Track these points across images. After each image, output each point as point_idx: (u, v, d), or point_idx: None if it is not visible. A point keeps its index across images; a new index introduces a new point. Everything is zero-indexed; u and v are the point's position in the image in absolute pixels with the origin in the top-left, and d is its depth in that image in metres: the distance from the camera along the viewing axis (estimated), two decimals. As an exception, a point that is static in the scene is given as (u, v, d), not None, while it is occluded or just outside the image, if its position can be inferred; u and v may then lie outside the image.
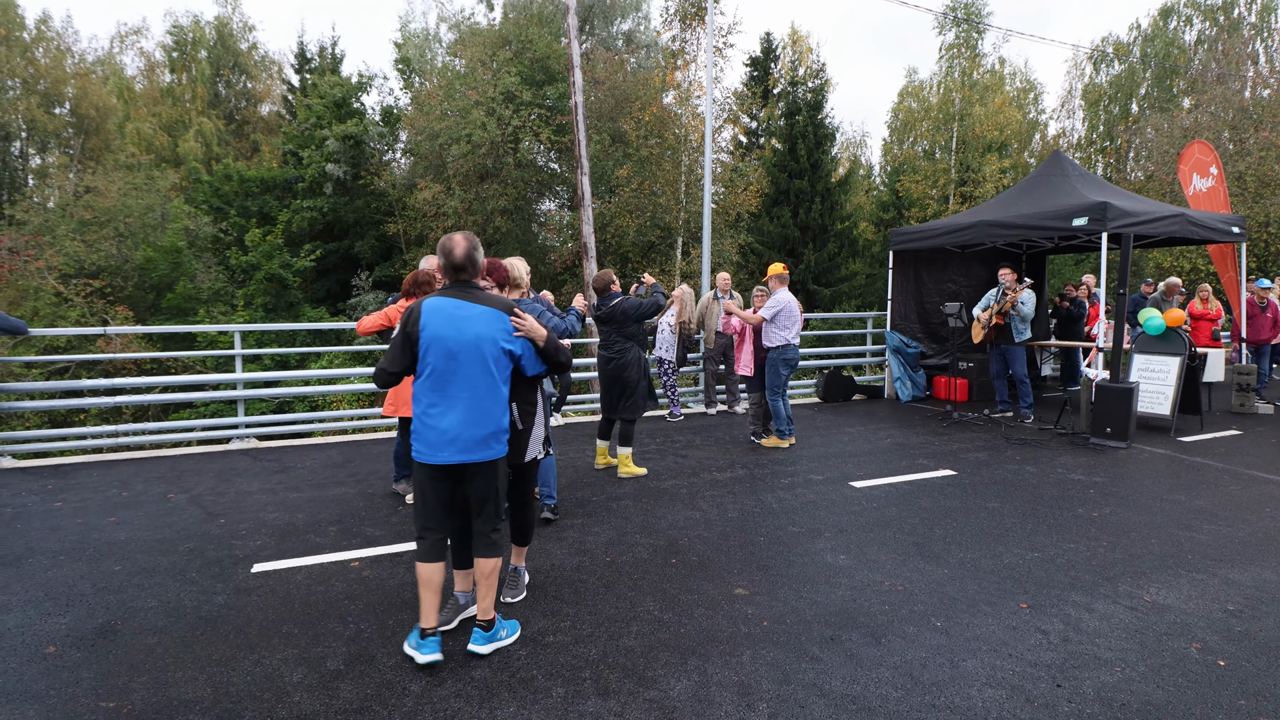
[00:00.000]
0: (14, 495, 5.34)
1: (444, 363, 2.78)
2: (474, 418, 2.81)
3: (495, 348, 2.82)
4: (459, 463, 2.81)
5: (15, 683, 2.76)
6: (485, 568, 2.96)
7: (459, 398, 2.79)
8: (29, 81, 27.28)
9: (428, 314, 2.78)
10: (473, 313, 2.81)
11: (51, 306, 15.13)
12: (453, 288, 2.87)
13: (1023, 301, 7.82)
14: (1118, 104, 27.61)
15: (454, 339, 2.77)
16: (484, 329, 2.81)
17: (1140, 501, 5.07)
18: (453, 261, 2.84)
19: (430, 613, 2.88)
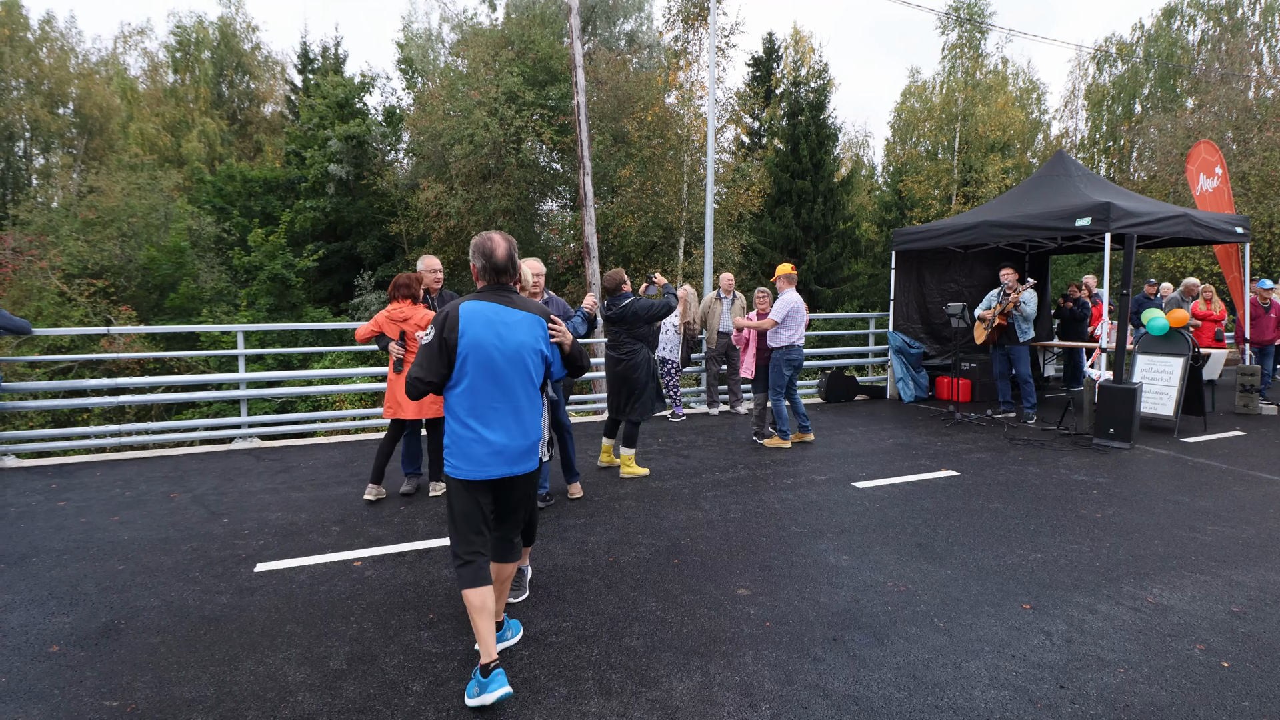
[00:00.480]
0: (18, 495, 5.36)
1: (486, 371, 2.62)
2: (520, 429, 2.69)
3: (536, 356, 2.71)
4: (504, 476, 2.69)
5: (19, 682, 2.76)
6: (504, 572, 2.91)
7: (503, 409, 2.65)
8: (33, 82, 27.36)
9: (466, 319, 2.60)
10: (514, 319, 2.66)
11: (55, 306, 15.16)
12: (491, 291, 2.70)
13: (1025, 301, 7.80)
14: (1121, 104, 27.54)
15: (497, 347, 2.61)
16: (526, 336, 2.67)
17: (1144, 502, 5.06)
18: (495, 263, 2.68)
19: (490, 642, 2.60)
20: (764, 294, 7.07)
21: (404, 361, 5.02)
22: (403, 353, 5.00)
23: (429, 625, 3.21)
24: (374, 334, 5.09)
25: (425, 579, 3.72)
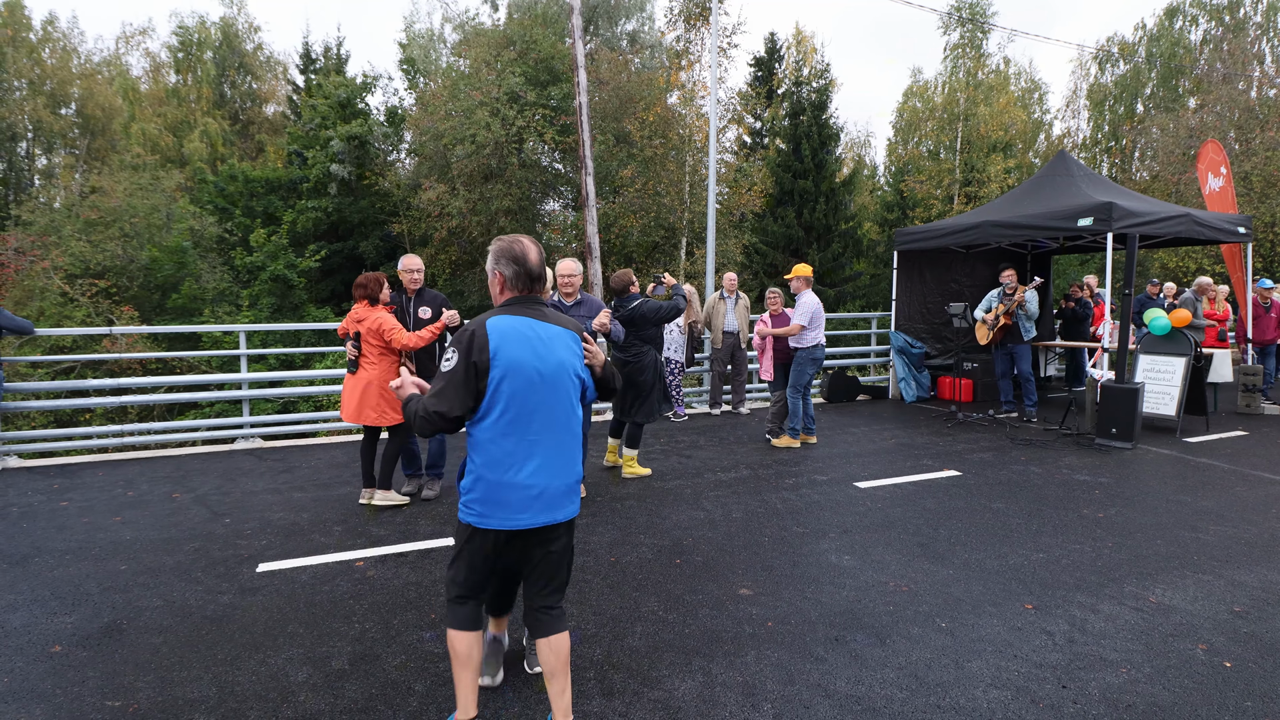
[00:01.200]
0: (20, 495, 5.37)
1: (524, 399, 2.20)
2: (560, 464, 2.27)
3: (575, 378, 2.31)
4: (542, 525, 2.24)
5: (21, 682, 2.77)
6: (563, 645, 2.31)
7: (541, 441, 2.23)
8: (35, 82, 27.42)
9: (498, 337, 2.18)
10: (551, 334, 2.26)
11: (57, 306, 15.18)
12: (522, 303, 2.29)
13: (1028, 300, 7.81)
14: (1123, 104, 27.50)
15: (537, 368, 2.20)
16: (566, 354, 2.27)
17: (1146, 502, 5.05)
18: (530, 270, 2.29)
19: (470, 699, 2.31)
20: (775, 294, 7.03)
21: (357, 363, 4.86)
22: (356, 354, 4.87)
23: (431, 625, 3.21)
24: (345, 333, 5.02)
25: (427, 579, 3.72)
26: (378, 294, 4.88)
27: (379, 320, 4.79)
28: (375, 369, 4.82)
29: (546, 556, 2.32)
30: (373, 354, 4.83)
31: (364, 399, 4.82)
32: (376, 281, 4.92)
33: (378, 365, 4.84)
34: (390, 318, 4.82)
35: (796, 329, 6.58)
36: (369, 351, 4.84)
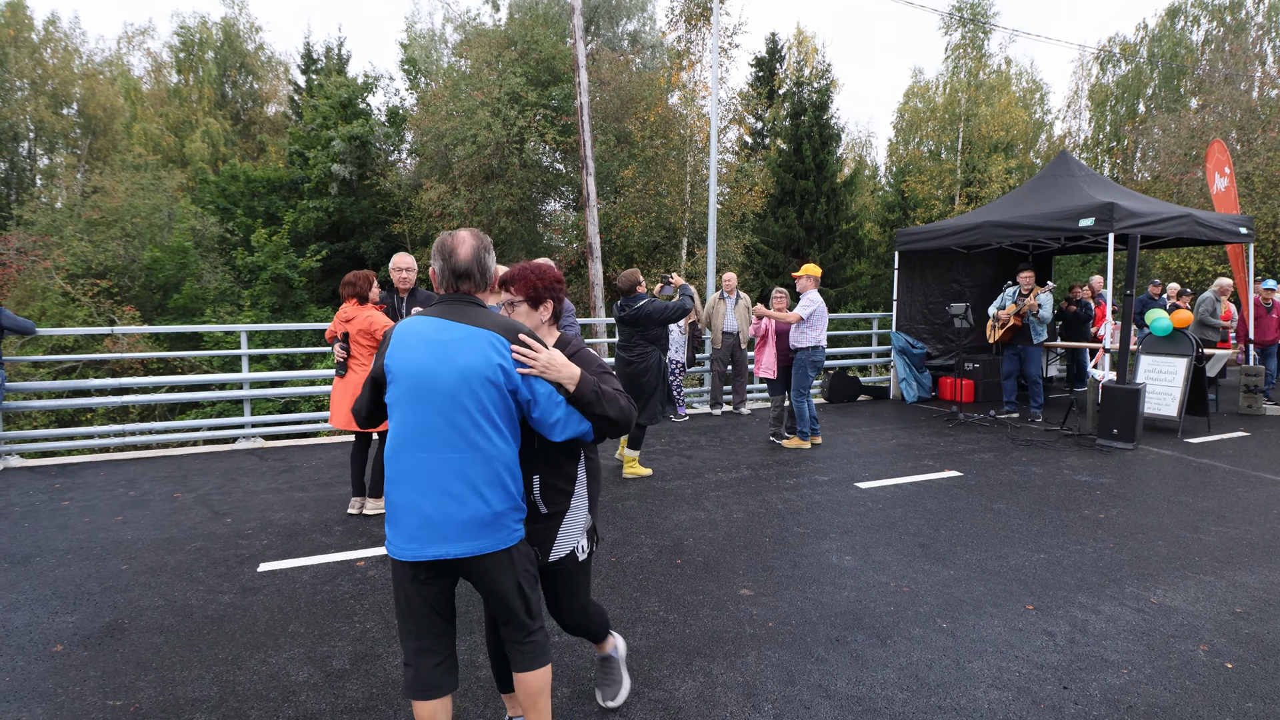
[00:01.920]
0: (22, 494, 5.37)
1: (415, 408, 1.93)
2: (458, 489, 1.91)
3: (489, 387, 1.92)
4: (443, 558, 1.93)
5: (23, 681, 2.77)
6: (529, 684, 2.09)
7: (436, 460, 1.92)
8: (37, 82, 27.46)
9: (399, 336, 1.99)
10: (458, 335, 1.94)
11: (59, 306, 15.21)
12: (443, 302, 2.05)
13: (1042, 304, 7.82)
14: (1124, 104, 27.48)
15: (430, 372, 1.92)
16: (474, 358, 1.91)
17: (1147, 503, 5.05)
18: (453, 266, 2.03)
19: None
20: (782, 294, 6.99)
21: (346, 365, 4.70)
22: (345, 356, 4.69)
23: (431, 625, 3.21)
24: (334, 335, 4.82)
25: (428, 579, 3.72)
26: (367, 292, 4.71)
27: (370, 319, 4.61)
28: (366, 370, 4.57)
29: (485, 593, 2.04)
30: (363, 355, 4.65)
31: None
32: (366, 279, 4.74)
33: (369, 366, 4.51)
34: (382, 316, 4.66)
35: (795, 318, 6.58)
36: (359, 353, 4.66)
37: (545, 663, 2.10)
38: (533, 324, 2.22)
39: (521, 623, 2.06)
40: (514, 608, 2.04)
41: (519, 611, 2.05)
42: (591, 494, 2.27)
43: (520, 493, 2.03)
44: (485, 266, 2.07)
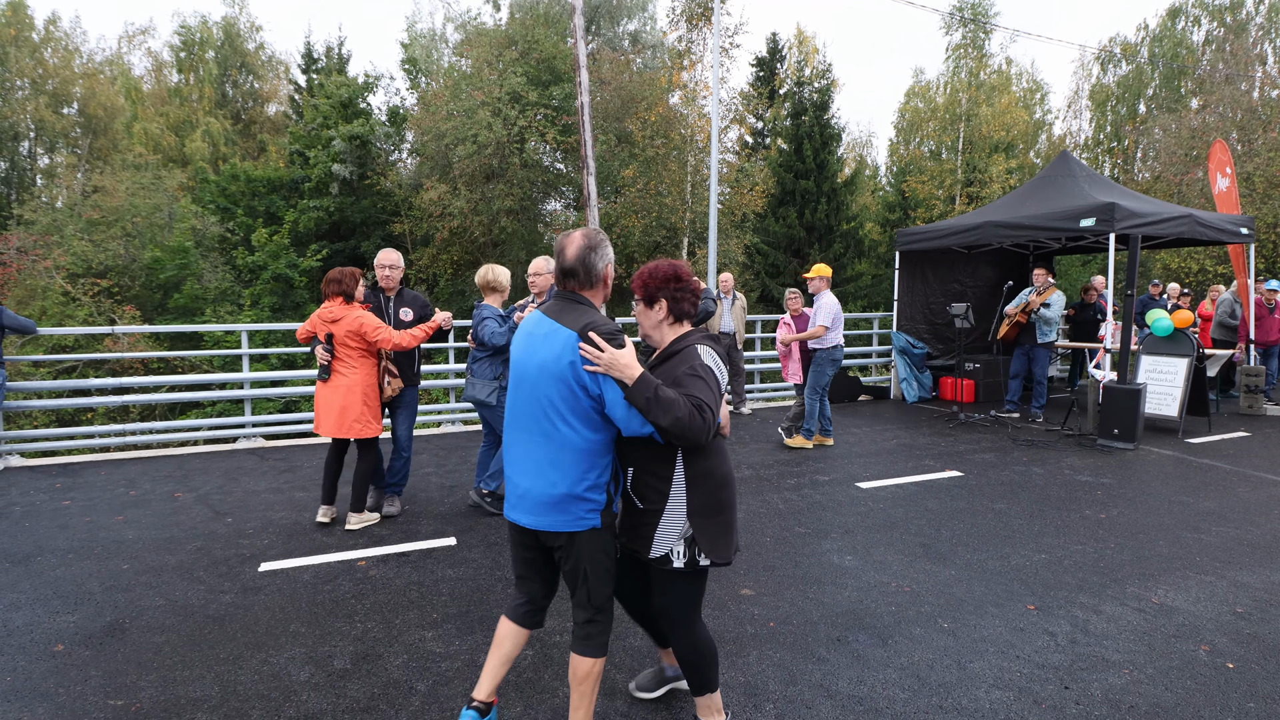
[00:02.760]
0: (23, 494, 5.37)
1: (513, 392, 2.22)
2: (536, 470, 2.14)
3: (561, 384, 2.08)
4: (530, 528, 2.19)
5: (25, 680, 2.77)
6: (577, 667, 2.21)
7: (523, 442, 2.18)
8: (38, 82, 27.47)
9: (520, 325, 2.28)
10: (546, 330, 2.13)
11: (59, 306, 15.21)
12: (555, 298, 2.23)
13: (1048, 305, 7.82)
14: (1125, 104, 27.46)
15: (520, 363, 2.19)
16: (548, 354, 2.10)
17: (1148, 503, 5.05)
18: (560, 264, 2.20)
19: (483, 679, 2.35)
20: (795, 294, 6.96)
21: (330, 369, 4.35)
22: (329, 359, 4.33)
23: (433, 625, 3.21)
24: (309, 336, 4.51)
25: (429, 579, 3.73)
26: (354, 290, 4.40)
27: (360, 319, 4.29)
28: (356, 374, 4.34)
29: (561, 564, 2.24)
30: (352, 357, 4.34)
31: (346, 408, 4.31)
32: (352, 277, 4.42)
33: (359, 369, 4.36)
34: (373, 316, 4.37)
35: (821, 331, 6.52)
36: (346, 355, 4.33)
37: (597, 654, 2.22)
38: (649, 322, 2.26)
39: (582, 605, 2.22)
40: (577, 589, 2.21)
41: (581, 594, 2.21)
42: (697, 501, 2.17)
43: (591, 484, 2.14)
44: (590, 265, 2.18)
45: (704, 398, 2.02)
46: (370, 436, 4.42)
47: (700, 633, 2.29)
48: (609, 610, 2.25)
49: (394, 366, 4.61)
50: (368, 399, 4.38)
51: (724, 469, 2.23)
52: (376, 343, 4.32)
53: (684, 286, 2.23)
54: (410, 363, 4.79)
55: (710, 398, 2.04)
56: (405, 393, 4.77)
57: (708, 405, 2.01)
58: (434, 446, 6.95)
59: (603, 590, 2.22)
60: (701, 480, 2.18)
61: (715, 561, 2.18)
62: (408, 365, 4.76)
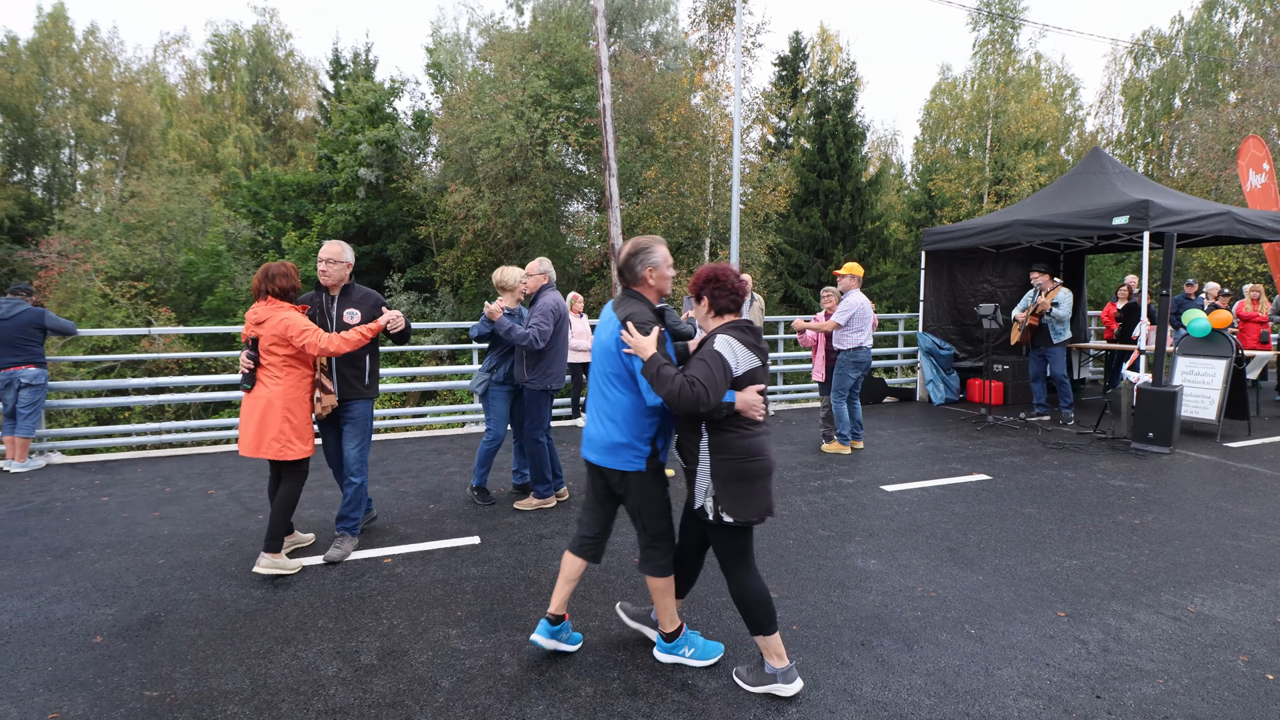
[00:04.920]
0: (64, 490, 5.54)
1: (591, 364, 2.90)
2: (598, 420, 2.81)
3: (610, 357, 2.74)
4: (592, 463, 2.86)
5: (65, 670, 2.86)
6: (650, 584, 2.86)
7: (592, 398, 2.87)
8: (77, 90, 28.31)
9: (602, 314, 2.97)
10: (607, 318, 2.81)
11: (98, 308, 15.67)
12: (620, 293, 2.88)
13: (1056, 303, 7.66)
14: (1160, 99, 26.79)
15: (594, 342, 2.88)
16: (604, 336, 2.77)
17: (1185, 509, 4.92)
18: (617, 265, 2.86)
19: (554, 597, 2.95)
20: (830, 293, 6.87)
21: (254, 377, 3.76)
22: (251, 366, 3.76)
23: (457, 623, 3.24)
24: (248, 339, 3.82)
25: (453, 577, 3.77)
26: (287, 288, 3.84)
27: (285, 321, 3.68)
28: (279, 385, 3.73)
29: (625, 502, 2.85)
30: (275, 365, 3.73)
31: (264, 424, 3.70)
32: (284, 274, 3.84)
33: (282, 380, 3.74)
34: (300, 318, 3.75)
35: (832, 326, 6.49)
36: (270, 363, 3.74)
37: (659, 574, 2.82)
38: (700, 315, 2.76)
39: (641, 532, 2.86)
40: (635, 520, 2.85)
41: (639, 524, 2.85)
42: (720, 467, 2.58)
43: (635, 436, 2.74)
44: (631, 266, 2.78)
45: (699, 375, 2.46)
46: (293, 459, 3.79)
47: (746, 580, 2.68)
48: (665, 538, 2.82)
49: (328, 379, 3.93)
50: (290, 414, 3.75)
51: (745, 444, 2.58)
52: (304, 348, 3.69)
53: (721, 285, 2.68)
54: (359, 372, 4.05)
55: (705, 375, 2.46)
56: (354, 407, 4.03)
57: (699, 381, 2.44)
58: (458, 446, 7.02)
59: (655, 523, 2.81)
60: (722, 449, 2.59)
61: (735, 520, 2.57)
62: (357, 375, 4.04)
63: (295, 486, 3.90)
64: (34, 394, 6.14)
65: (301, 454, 3.83)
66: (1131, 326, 9.56)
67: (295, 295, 3.88)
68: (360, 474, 4.11)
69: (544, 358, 4.78)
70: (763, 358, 2.63)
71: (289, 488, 3.87)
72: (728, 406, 2.55)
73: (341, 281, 4.02)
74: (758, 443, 2.59)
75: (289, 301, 3.84)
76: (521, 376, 4.81)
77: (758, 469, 2.58)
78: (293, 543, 4.16)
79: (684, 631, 2.91)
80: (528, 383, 4.79)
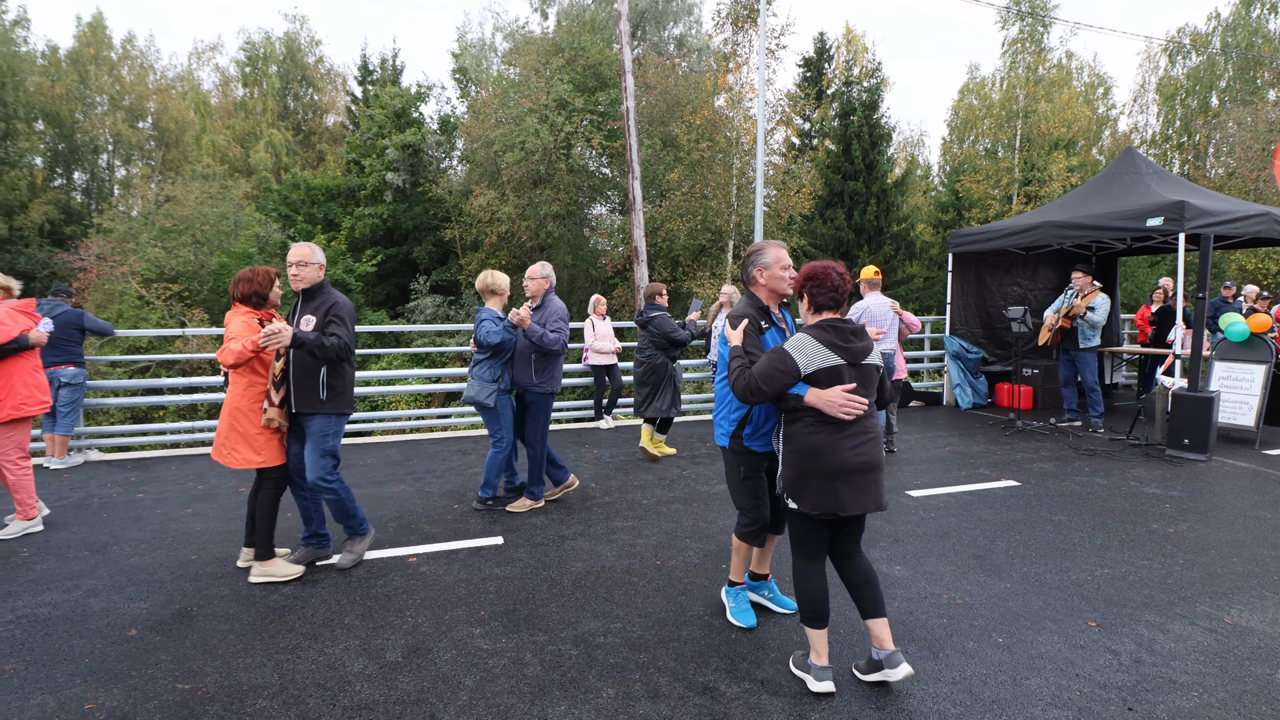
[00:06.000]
0: (101, 486, 5.69)
1: None
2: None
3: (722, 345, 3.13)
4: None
5: (100, 662, 2.94)
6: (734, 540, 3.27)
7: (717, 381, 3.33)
8: (115, 97, 29.12)
9: None
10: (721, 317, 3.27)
11: (134, 309, 16.08)
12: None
13: (1092, 308, 7.49)
14: (1196, 97, 26.14)
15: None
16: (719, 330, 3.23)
17: (1221, 517, 4.79)
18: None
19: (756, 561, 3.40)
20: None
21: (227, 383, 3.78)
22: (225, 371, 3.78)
23: (480, 622, 3.27)
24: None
25: (476, 576, 3.80)
26: (267, 293, 3.78)
27: (227, 328, 3.66)
28: (232, 391, 3.70)
29: None
30: (232, 372, 3.70)
31: (219, 431, 3.70)
32: (247, 280, 3.76)
33: (234, 387, 3.70)
34: (237, 324, 3.63)
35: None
36: (228, 370, 3.71)
37: (738, 535, 3.21)
38: (802, 310, 2.89)
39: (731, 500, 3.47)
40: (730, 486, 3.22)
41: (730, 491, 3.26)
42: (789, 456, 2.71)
43: (724, 416, 3.12)
44: (744, 268, 3.10)
45: (757, 367, 2.69)
46: (240, 468, 3.64)
47: (802, 569, 2.77)
48: (747, 510, 3.12)
49: (275, 391, 3.68)
50: (235, 423, 3.66)
51: (808, 439, 2.64)
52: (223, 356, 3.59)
53: (819, 284, 2.76)
54: (314, 383, 3.70)
55: (762, 367, 2.66)
56: (311, 422, 3.72)
57: (753, 373, 2.68)
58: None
59: (734, 494, 3.17)
60: (790, 440, 2.72)
61: (796, 508, 2.69)
62: (312, 387, 3.70)
63: (266, 495, 3.77)
64: (73, 393, 6.32)
65: (248, 463, 3.67)
66: (1166, 330, 9.33)
67: (259, 300, 3.76)
68: (322, 487, 3.76)
69: (552, 362, 4.86)
70: (850, 357, 2.64)
71: (262, 496, 3.78)
72: (796, 399, 2.63)
73: (313, 283, 3.78)
74: (820, 440, 2.61)
75: (249, 306, 3.75)
76: (528, 381, 4.83)
77: (814, 466, 2.61)
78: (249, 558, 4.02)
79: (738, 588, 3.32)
80: (534, 387, 4.83)
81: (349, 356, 3.74)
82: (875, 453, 2.64)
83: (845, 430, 2.60)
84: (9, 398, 4.42)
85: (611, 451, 6.84)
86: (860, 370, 2.66)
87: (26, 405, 4.50)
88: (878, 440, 2.68)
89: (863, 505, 2.60)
